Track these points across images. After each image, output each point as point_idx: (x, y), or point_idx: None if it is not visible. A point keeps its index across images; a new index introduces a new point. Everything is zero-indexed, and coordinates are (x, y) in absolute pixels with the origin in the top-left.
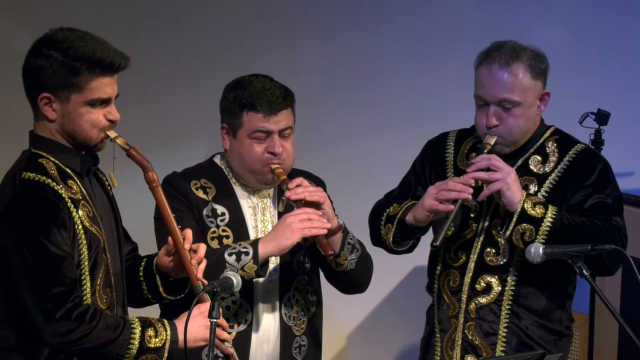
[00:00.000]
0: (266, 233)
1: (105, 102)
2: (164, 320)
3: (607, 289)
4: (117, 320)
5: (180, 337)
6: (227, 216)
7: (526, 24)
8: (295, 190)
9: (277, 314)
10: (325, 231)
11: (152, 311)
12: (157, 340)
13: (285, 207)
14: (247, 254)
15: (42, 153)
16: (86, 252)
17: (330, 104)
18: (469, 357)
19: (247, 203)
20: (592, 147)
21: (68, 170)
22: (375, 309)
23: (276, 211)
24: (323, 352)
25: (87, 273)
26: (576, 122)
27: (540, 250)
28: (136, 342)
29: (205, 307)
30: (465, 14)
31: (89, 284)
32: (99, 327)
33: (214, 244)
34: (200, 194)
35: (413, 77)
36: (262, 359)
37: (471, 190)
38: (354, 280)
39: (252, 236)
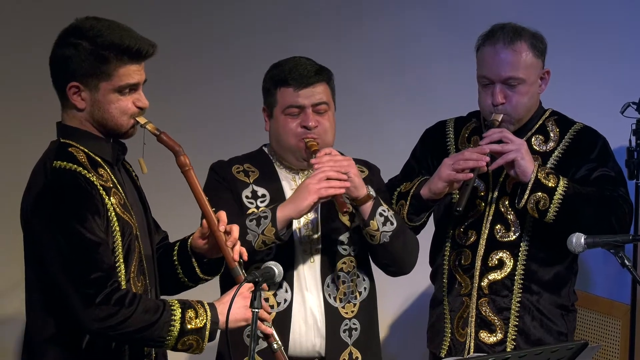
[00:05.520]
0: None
1: (133, 89)
2: (203, 301)
3: None
4: (156, 303)
5: (221, 318)
6: (267, 197)
7: (567, 15)
8: (320, 159)
9: (320, 295)
10: (343, 190)
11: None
12: (197, 321)
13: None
14: (265, 217)
15: (71, 142)
16: (120, 239)
17: (369, 90)
18: (483, 333)
19: (289, 185)
20: (634, 136)
21: (98, 159)
22: (424, 297)
23: None
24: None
25: (121, 260)
26: (617, 112)
27: (582, 240)
28: (177, 324)
29: (244, 287)
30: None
31: (123, 270)
32: (138, 311)
33: None
34: (241, 176)
35: (453, 64)
36: (307, 340)
37: (487, 159)
38: (392, 257)
39: None
